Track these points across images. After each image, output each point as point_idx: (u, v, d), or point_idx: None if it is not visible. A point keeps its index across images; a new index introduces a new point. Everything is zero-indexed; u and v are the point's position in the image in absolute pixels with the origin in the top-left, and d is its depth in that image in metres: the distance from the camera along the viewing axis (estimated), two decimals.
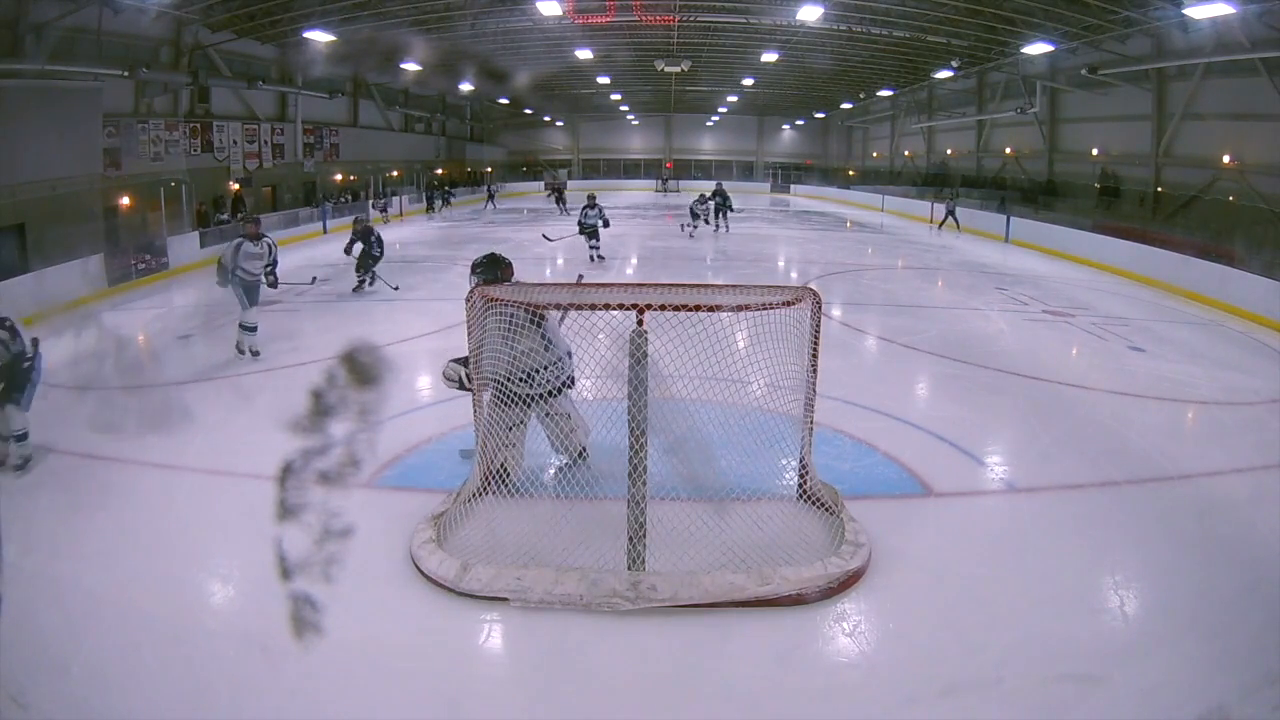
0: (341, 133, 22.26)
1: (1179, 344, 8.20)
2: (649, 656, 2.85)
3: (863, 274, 12.61)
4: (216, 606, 3.20)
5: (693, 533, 3.40)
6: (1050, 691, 2.67)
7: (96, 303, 9.86)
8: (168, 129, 15.25)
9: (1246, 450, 5.01)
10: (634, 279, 11.66)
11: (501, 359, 3.77)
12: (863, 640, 2.98)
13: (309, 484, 2.05)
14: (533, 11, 16.00)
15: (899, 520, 3.83)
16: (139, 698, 2.58)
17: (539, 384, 3.91)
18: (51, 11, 11.56)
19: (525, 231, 18.74)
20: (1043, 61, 17.72)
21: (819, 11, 15.10)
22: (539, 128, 36.65)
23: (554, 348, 3.92)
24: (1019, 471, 4.62)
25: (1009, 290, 10.81)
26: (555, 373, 3.94)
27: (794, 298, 3.66)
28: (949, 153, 25.81)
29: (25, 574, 3.04)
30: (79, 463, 4.51)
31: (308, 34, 15.26)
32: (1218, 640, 2.94)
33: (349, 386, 2.04)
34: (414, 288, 11.10)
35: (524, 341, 3.78)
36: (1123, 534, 3.82)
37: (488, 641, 3.00)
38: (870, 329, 8.33)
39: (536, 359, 3.85)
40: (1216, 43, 13.01)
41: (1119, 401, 5.94)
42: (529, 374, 3.86)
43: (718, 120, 37.23)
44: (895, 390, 6.12)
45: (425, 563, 3.28)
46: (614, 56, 22.02)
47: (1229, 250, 11.17)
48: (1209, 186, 14.38)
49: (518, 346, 3.77)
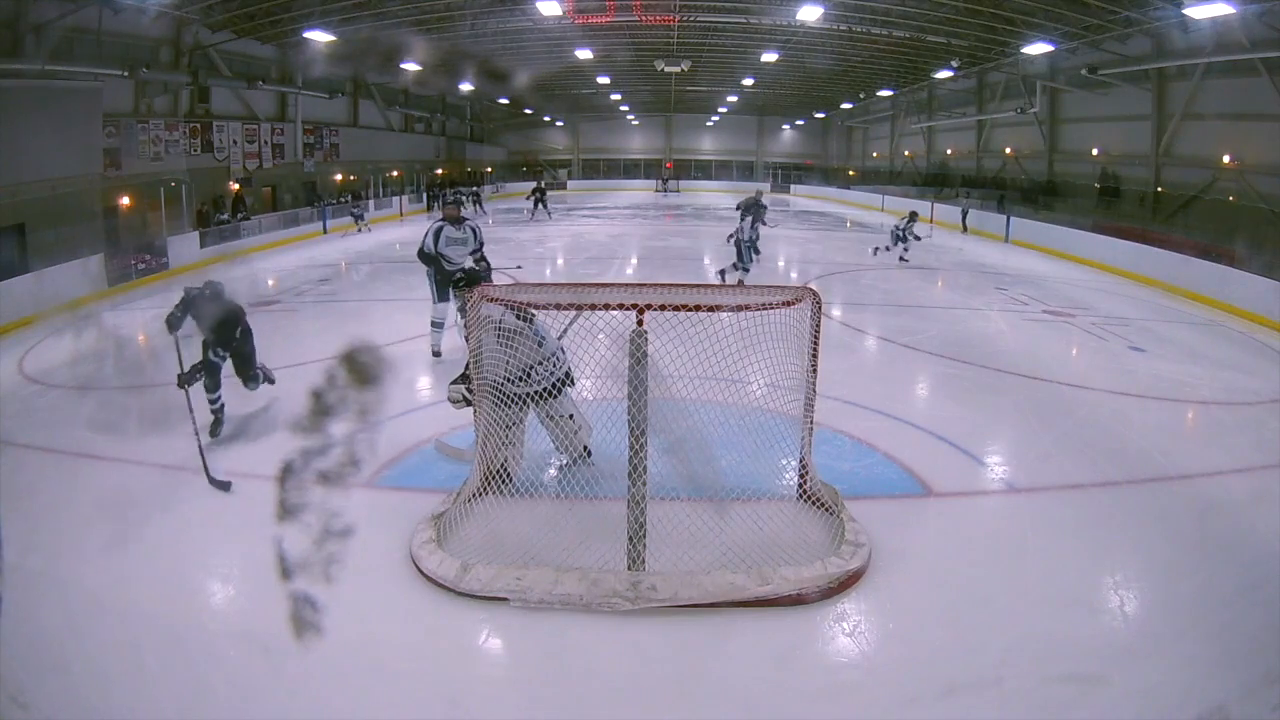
0: (341, 133, 22.25)
1: (1179, 344, 8.20)
2: (649, 656, 2.85)
3: (863, 274, 12.61)
4: (216, 606, 3.20)
5: (693, 533, 3.40)
6: (1050, 691, 2.67)
7: (96, 303, 9.86)
8: (168, 129, 15.25)
9: (1246, 450, 5.01)
10: (634, 279, 11.65)
11: (499, 360, 3.78)
12: (863, 640, 2.98)
13: (309, 484, 2.05)
14: (533, 11, 15.99)
15: (899, 520, 3.83)
16: (139, 698, 2.58)
17: (535, 381, 3.92)
18: (51, 11, 11.56)
19: (526, 232, 18.73)
20: (1043, 61, 17.72)
21: (819, 11, 15.10)
22: (539, 128, 36.65)
23: (546, 343, 3.95)
24: (1019, 471, 4.61)
25: (1009, 290, 10.82)
26: (550, 368, 3.95)
27: (794, 298, 3.66)
28: (949, 153, 25.81)
29: (25, 574, 3.03)
30: (79, 463, 4.51)
31: (308, 34, 15.26)
32: (1218, 640, 2.94)
33: (349, 386, 2.04)
34: (413, 288, 11.10)
35: (518, 342, 3.79)
36: (1123, 534, 3.81)
37: (488, 641, 3.00)
38: (870, 329, 8.33)
39: (530, 355, 3.87)
40: (1216, 43, 13.01)
41: (1119, 401, 5.94)
42: (525, 371, 3.87)
43: (718, 120, 37.21)
44: (895, 390, 6.12)
45: (425, 563, 3.27)
46: (614, 56, 22.01)
47: (1229, 250, 11.17)
48: (1209, 186, 14.38)
49: (512, 348, 3.78)
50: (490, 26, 18.12)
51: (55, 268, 9.74)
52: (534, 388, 3.92)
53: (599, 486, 3.71)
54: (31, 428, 5.14)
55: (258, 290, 10.90)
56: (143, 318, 9.03)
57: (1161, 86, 15.38)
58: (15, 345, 7.49)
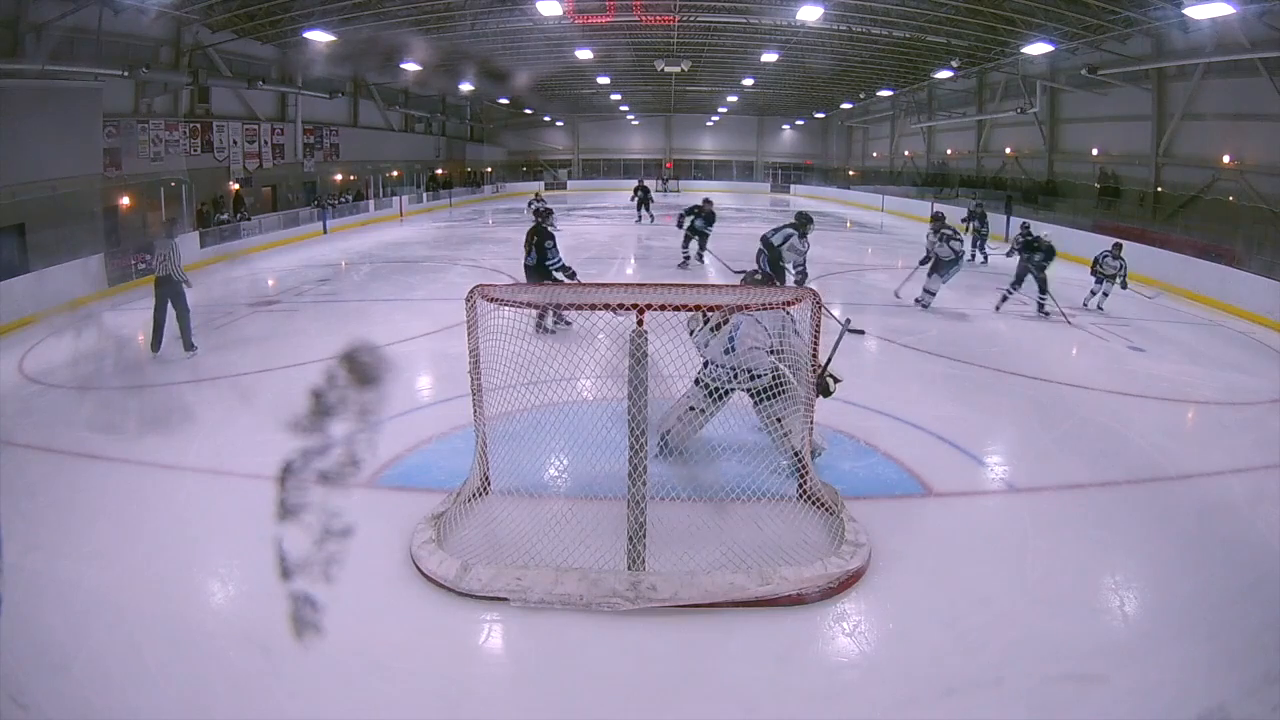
0: (341, 133, 22.25)
1: (1179, 344, 8.20)
2: (649, 656, 2.85)
3: (863, 274, 12.61)
4: (216, 606, 3.20)
5: (693, 533, 3.40)
6: (1050, 691, 2.67)
7: (96, 302, 9.86)
8: (168, 129, 15.25)
9: (1246, 450, 5.01)
10: (634, 279, 11.65)
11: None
12: (863, 640, 2.98)
13: (309, 484, 2.05)
14: (533, 11, 15.99)
15: (899, 520, 3.83)
16: (139, 698, 2.58)
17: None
18: (51, 11, 11.56)
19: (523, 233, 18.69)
20: (1043, 61, 17.71)
21: (819, 11, 15.09)
22: (539, 128, 36.64)
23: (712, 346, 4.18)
24: (1019, 471, 4.61)
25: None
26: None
27: (794, 298, 3.66)
28: (949, 153, 25.81)
29: (25, 574, 3.03)
30: (79, 463, 4.51)
31: (308, 34, 15.27)
32: (1218, 640, 2.94)
33: (349, 386, 2.04)
34: (413, 287, 11.11)
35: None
36: (1123, 534, 3.81)
37: (488, 641, 3.00)
38: (870, 329, 8.32)
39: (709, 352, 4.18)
40: (1216, 43, 13.01)
41: (1119, 401, 5.94)
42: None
43: (718, 120, 37.20)
44: (895, 390, 6.12)
45: (425, 563, 3.27)
46: (614, 56, 22.02)
47: (1229, 250, 11.17)
48: (1209, 186, 14.39)
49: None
50: (490, 26, 18.13)
51: (55, 268, 9.74)
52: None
53: (599, 486, 3.72)
54: (31, 428, 5.14)
55: (258, 290, 10.91)
56: (143, 318, 9.02)
57: (1161, 86, 15.38)
58: (15, 345, 7.49)
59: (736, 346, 4.05)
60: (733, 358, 4.05)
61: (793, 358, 3.98)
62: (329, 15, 15.01)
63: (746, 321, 4.05)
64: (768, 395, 3.92)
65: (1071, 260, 14.44)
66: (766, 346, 4.02)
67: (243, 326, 8.47)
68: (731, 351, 4.05)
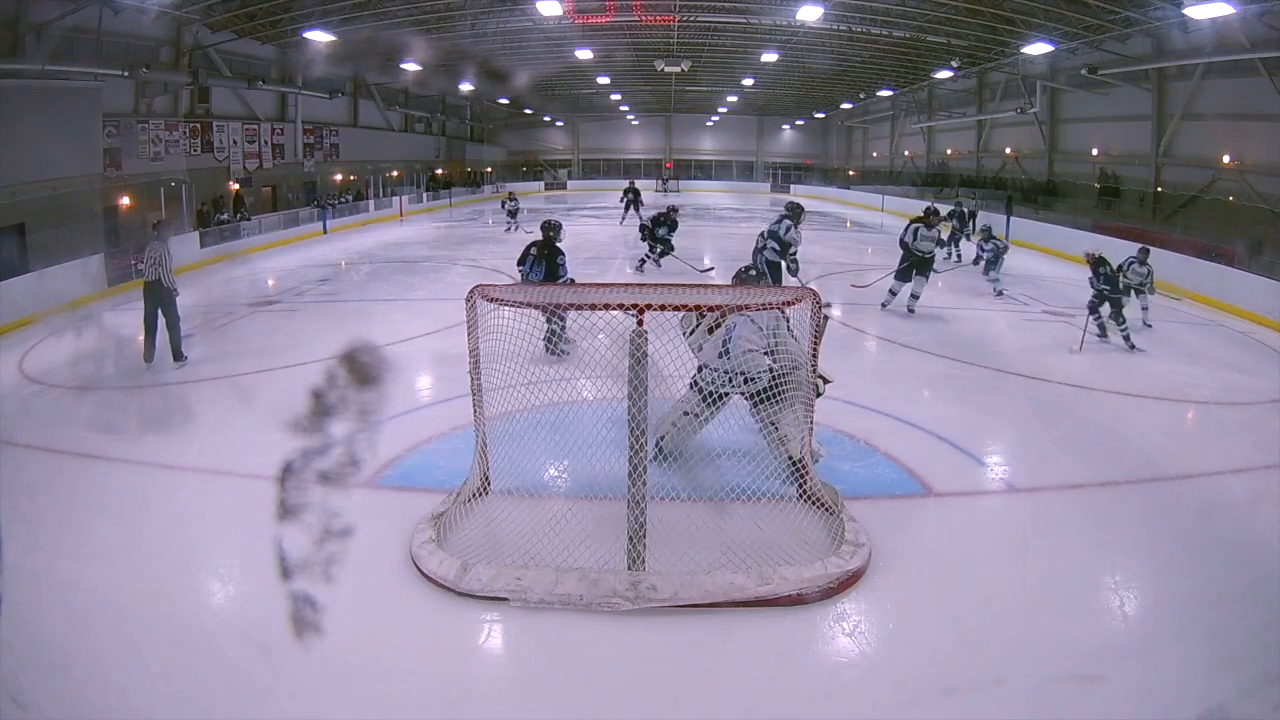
0: (341, 133, 22.25)
1: (1179, 344, 8.20)
2: (649, 656, 2.85)
3: (863, 274, 12.59)
4: (216, 606, 3.20)
5: (693, 533, 3.40)
6: (1050, 691, 2.67)
7: (96, 303, 9.86)
8: (168, 129, 15.25)
9: (1246, 450, 5.01)
10: (634, 279, 11.64)
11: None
12: (863, 640, 2.98)
13: (309, 484, 2.05)
14: (533, 11, 15.99)
15: (899, 520, 3.83)
16: (139, 698, 2.58)
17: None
18: (51, 11, 11.56)
19: (522, 234, 18.70)
20: (1043, 61, 17.72)
21: (819, 11, 15.09)
22: (539, 128, 36.65)
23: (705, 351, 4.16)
24: (1019, 471, 4.62)
25: (1009, 290, 10.79)
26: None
27: (794, 298, 3.66)
28: (949, 153, 25.81)
29: (25, 574, 3.03)
30: (79, 463, 4.51)
31: (308, 34, 15.27)
32: (1218, 640, 2.94)
33: (349, 386, 2.04)
34: (413, 287, 11.11)
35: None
36: (1123, 534, 3.82)
37: (488, 641, 3.00)
38: (870, 329, 8.32)
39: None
40: (1216, 43, 13.01)
41: (1119, 401, 5.94)
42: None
43: (718, 120, 37.22)
44: (895, 390, 6.11)
45: (425, 563, 3.27)
46: (614, 56, 22.03)
47: (1229, 250, 11.17)
48: (1209, 186, 14.39)
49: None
50: (490, 26, 18.13)
51: (55, 268, 9.74)
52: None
53: (599, 486, 3.71)
54: (31, 428, 5.14)
55: (258, 290, 10.91)
56: (143, 317, 9.03)
57: (1161, 86, 15.39)
58: (15, 345, 7.49)
59: (732, 350, 4.00)
60: (728, 361, 4.00)
61: (787, 358, 3.96)
62: (329, 15, 15.01)
63: (742, 323, 4.01)
64: (764, 399, 3.91)
65: (1071, 260, 14.47)
66: (761, 348, 4.00)
67: (243, 326, 8.47)
68: (726, 355, 4.01)
